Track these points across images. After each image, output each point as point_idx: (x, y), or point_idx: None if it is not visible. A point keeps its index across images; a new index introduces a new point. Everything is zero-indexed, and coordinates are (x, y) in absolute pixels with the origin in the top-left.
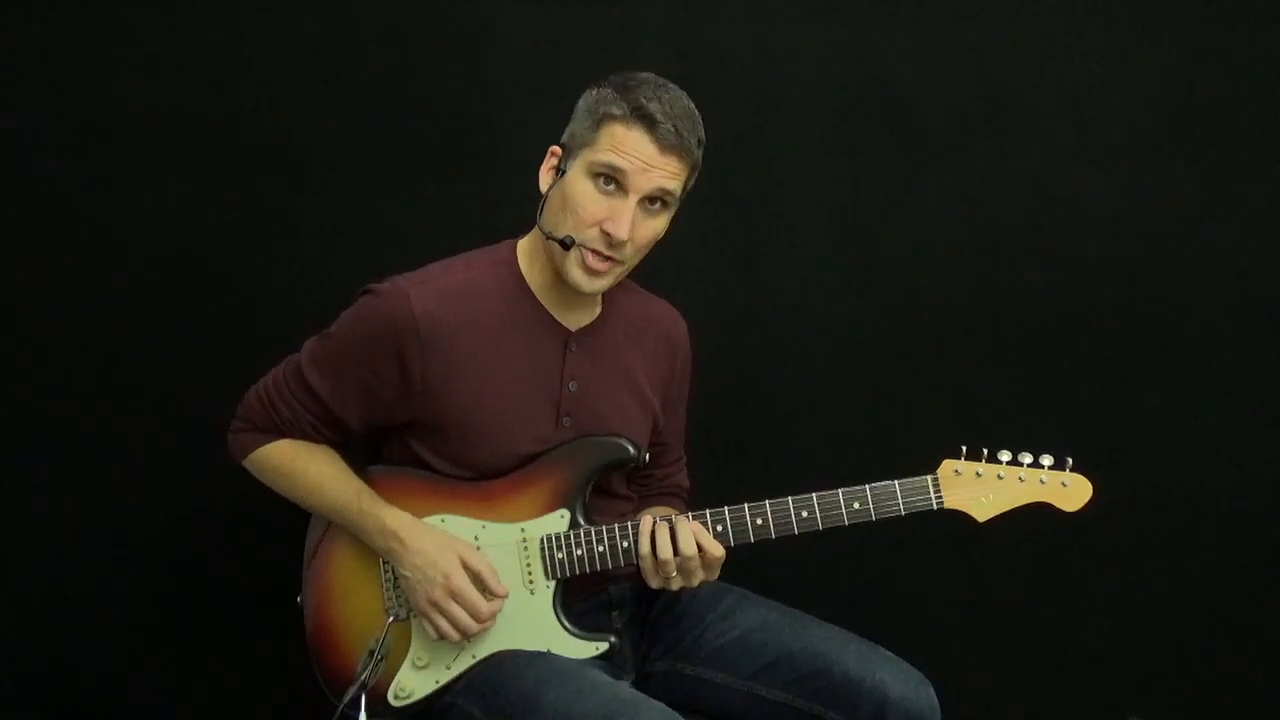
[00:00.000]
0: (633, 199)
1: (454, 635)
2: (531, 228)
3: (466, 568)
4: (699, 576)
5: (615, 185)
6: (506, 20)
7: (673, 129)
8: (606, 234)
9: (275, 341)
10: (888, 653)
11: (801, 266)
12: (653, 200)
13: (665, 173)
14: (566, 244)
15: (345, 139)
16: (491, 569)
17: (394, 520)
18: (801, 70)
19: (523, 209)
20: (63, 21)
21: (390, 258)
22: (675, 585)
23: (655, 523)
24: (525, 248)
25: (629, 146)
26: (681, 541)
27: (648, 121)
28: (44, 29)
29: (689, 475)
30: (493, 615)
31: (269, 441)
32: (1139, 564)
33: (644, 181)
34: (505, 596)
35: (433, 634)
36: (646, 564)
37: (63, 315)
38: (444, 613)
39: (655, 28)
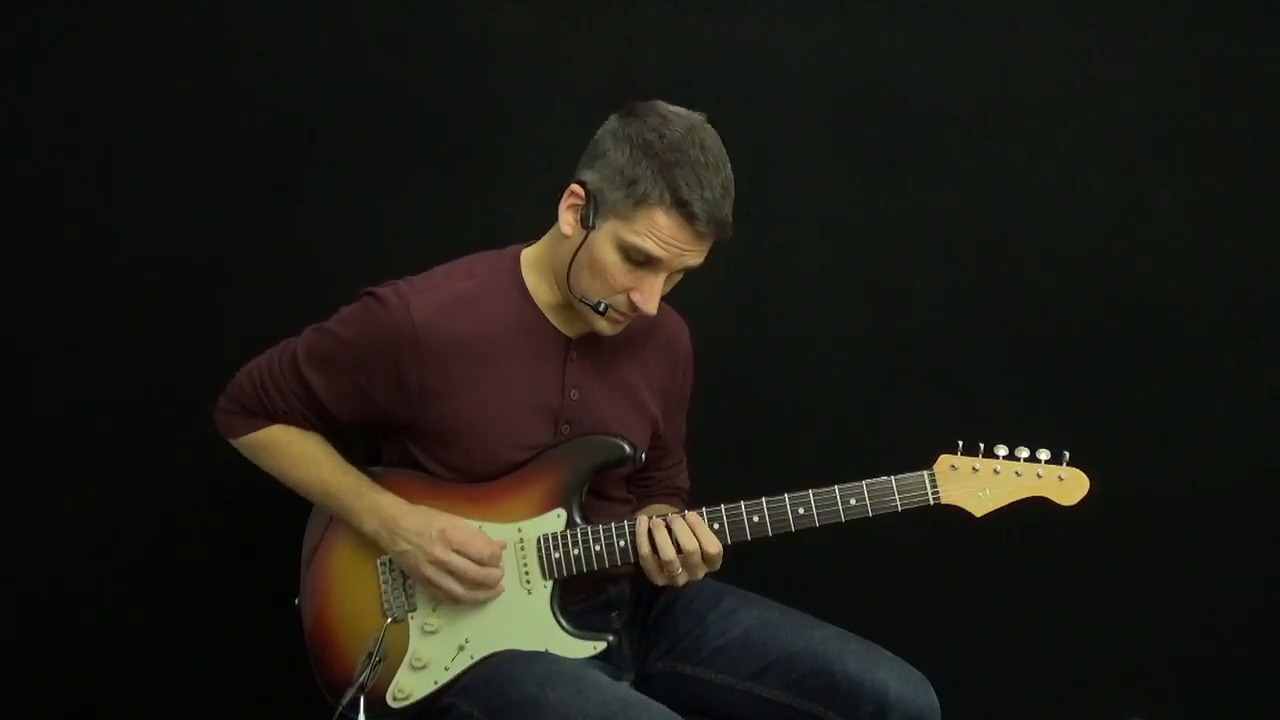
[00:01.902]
0: (662, 276)
1: (458, 588)
2: (539, 238)
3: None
4: (702, 570)
5: (647, 260)
6: (506, 21)
7: (711, 217)
8: (633, 303)
9: (275, 341)
10: (888, 653)
11: (799, 265)
12: (679, 271)
13: (697, 252)
14: (600, 310)
15: (345, 139)
16: (481, 531)
17: (388, 502)
18: (801, 70)
19: (522, 209)
20: (62, 21)
21: (390, 257)
22: (681, 581)
23: (651, 523)
24: (531, 259)
25: (666, 235)
26: (681, 539)
27: (688, 215)
28: (44, 28)
29: (688, 475)
30: (495, 559)
31: (261, 427)
32: (1139, 564)
33: (676, 264)
34: (502, 548)
35: (446, 593)
36: (649, 564)
37: (62, 314)
38: (447, 568)
39: (655, 28)
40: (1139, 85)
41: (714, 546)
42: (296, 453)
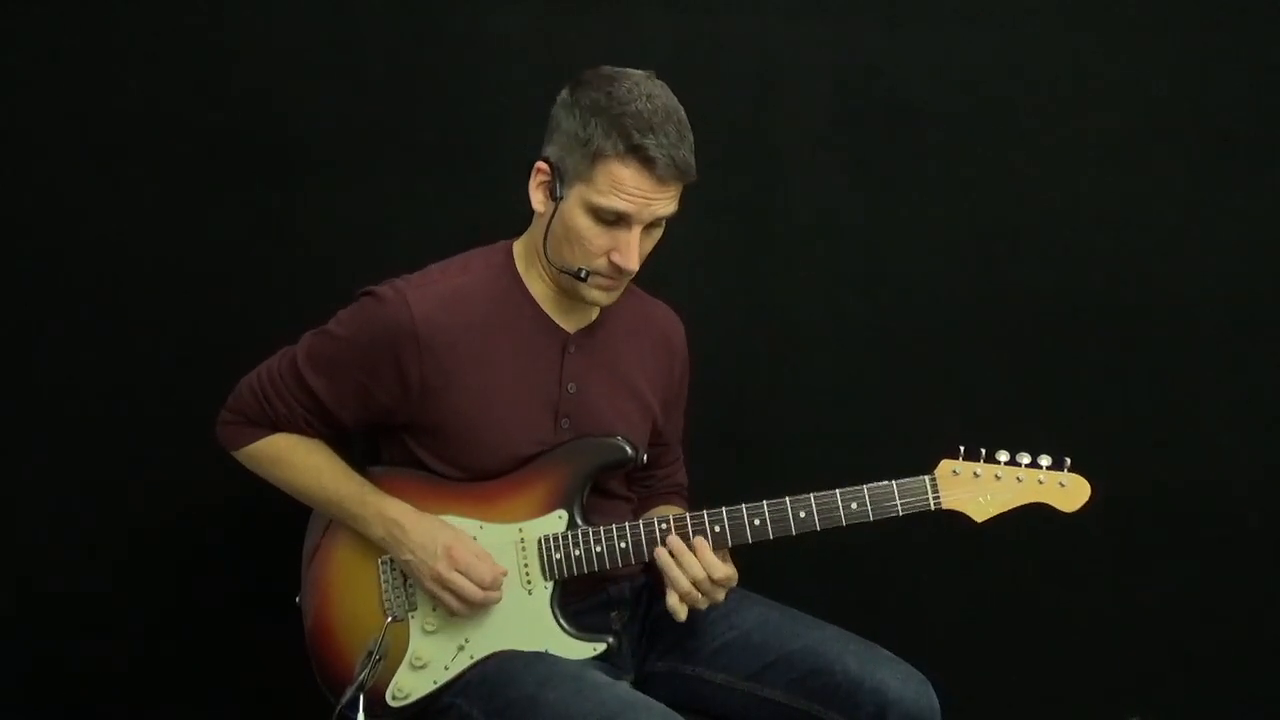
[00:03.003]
0: (636, 230)
1: (459, 606)
2: (527, 228)
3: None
4: (721, 593)
5: (617, 218)
6: (506, 20)
7: (669, 160)
8: (615, 264)
9: (275, 341)
10: (888, 653)
11: (799, 266)
12: (654, 223)
13: (665, 200)
14: (581, 277)
15: (345, 139)
16: (485, 551)
17: (394, 509)
18: (801, 70)
19: (522, 209)
20: (63, 21)
21: (389, 257)
22: (703, 605)
23: (669, 549)
24: (522, 250)
25: (627, 186)
26: (690, 570)
27: (645, 160)
28: (44, 28)
29: (686, 472)
30: (497, 583)
31: (264, 436)
32: (1139, 564)
33: (646, 215)
34: (504, 573)
35: (446, 608)
36: (672, 603)
37: (62, 315)
38: (449, 585)
39: (654, 27)
40: (1139, 85)
41: (719, 572)
42: (300, 461)
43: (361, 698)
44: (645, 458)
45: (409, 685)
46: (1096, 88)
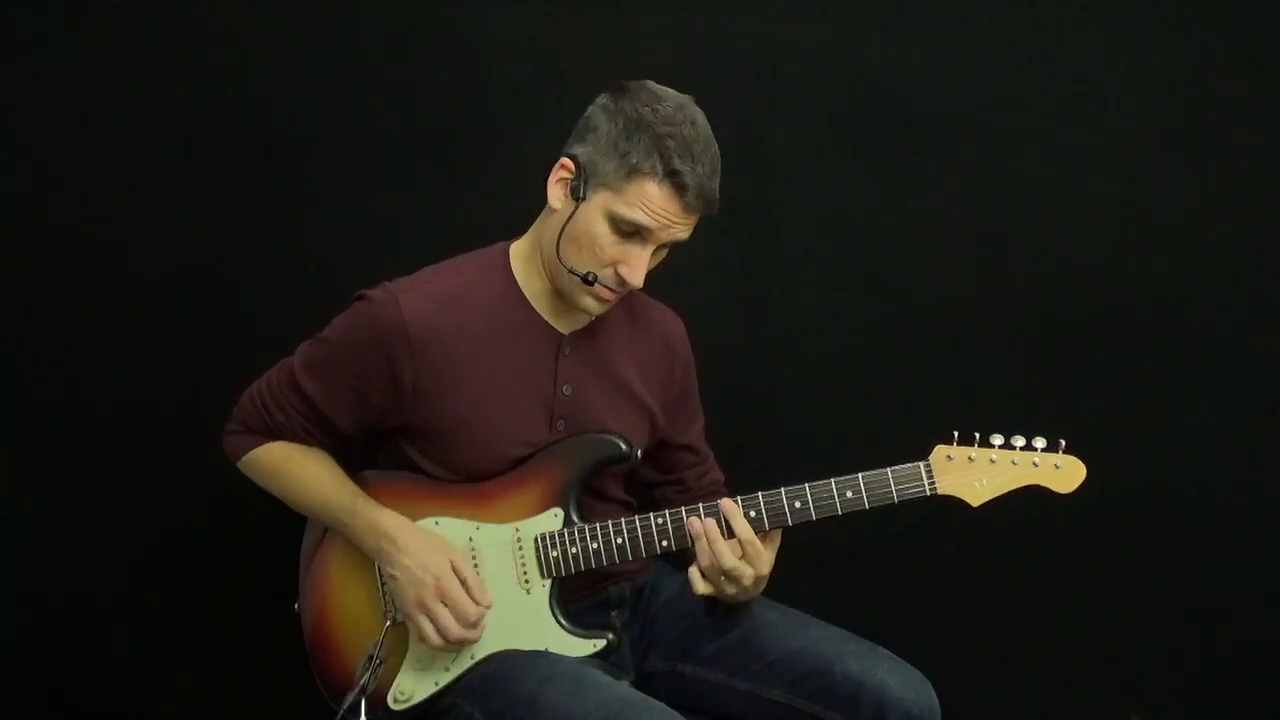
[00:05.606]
0: (650, 248)
1: (436, 639)
2: (526, 231)
3: (456, 573)
4: (748, 576)
5: (635, 231)
6: (506, 20)
7: (700, 190)
8: (621, 277)
9: (274, 343)
10: (888, 653)
11: (799, 264)
12: (666, 244)
13: (684, 226)
14: (589, 280)
15: (344, 140)
16: (479, 579)
17: (387, 521)
18: (801, 71)
19: (520, 210)
20: (64, 20)
21: (388, 259)
22: (730, 590)
23: (702, 520)
24: (519, 251)
25: (656, 205)
26: (738, 528)
27: (679, 186)
28: (44, 28)
29: (720, 469)
30: (478, 622)
31: (263, 444)
32: (1139, 563)
33: (664, 235)
34: (489, 606)
35: (422, 637)
36: (697, 575)
37: (62, 315)
38: (430, 615)
39: (655, 28)
40: (1139, 85)
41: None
42: (295, 470)
43: (363, 701)
44: (641, 455)
45: (410, 687)
46: (1097, 88)
